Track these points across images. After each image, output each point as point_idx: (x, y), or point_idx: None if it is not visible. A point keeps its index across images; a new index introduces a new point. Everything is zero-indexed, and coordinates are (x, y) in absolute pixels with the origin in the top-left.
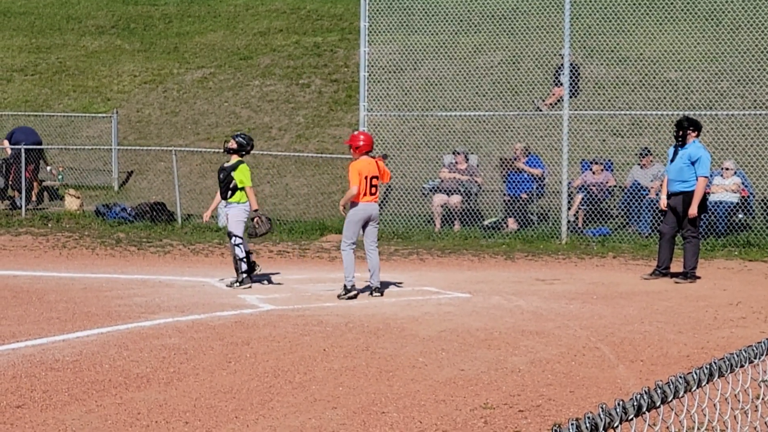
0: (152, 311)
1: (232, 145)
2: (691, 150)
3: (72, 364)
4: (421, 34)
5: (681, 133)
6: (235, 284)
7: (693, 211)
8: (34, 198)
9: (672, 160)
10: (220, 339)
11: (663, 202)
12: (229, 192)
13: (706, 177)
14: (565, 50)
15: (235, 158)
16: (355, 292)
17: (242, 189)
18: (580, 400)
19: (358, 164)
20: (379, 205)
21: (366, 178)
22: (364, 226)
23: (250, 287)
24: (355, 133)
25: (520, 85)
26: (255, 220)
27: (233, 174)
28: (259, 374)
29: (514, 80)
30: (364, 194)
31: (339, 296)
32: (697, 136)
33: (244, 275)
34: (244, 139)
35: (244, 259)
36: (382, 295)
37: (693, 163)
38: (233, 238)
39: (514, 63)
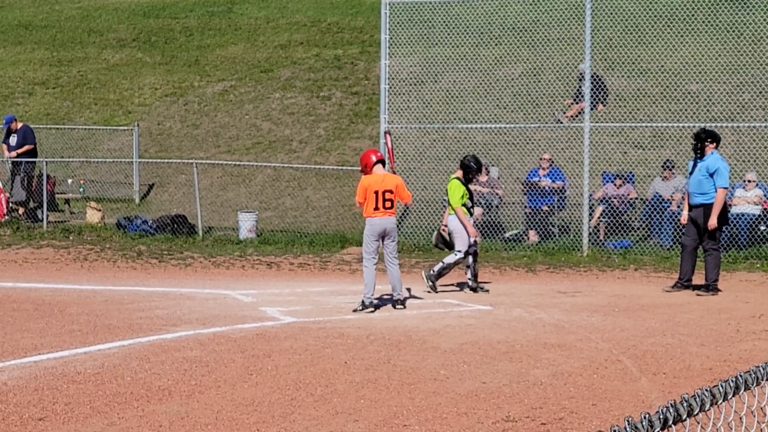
0: (173, 324)
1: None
2: (709, 162)
3: (94, 376)
4: (441, 47)
5: (699, 145)
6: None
7: (713, 222)
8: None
9: (691, 173)
10: (241, 351)
11: (684, 217)
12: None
13: (725, 188)
14: (586, 62)
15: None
16: (371, 309)
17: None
18: (602, 413)
19: (367, 179)
20: (400, 217)
21: (376, 192)
22: (383, 240)
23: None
24: (366, 152)
25: (541, 98)
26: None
27: None
28: (280, 387)
29: (534, 92)
30: (375, 208)
31: (354, 310)
32: (716, 147)
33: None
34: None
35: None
36: (405, 307)
37: (711, 175)
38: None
39: (534, 75)
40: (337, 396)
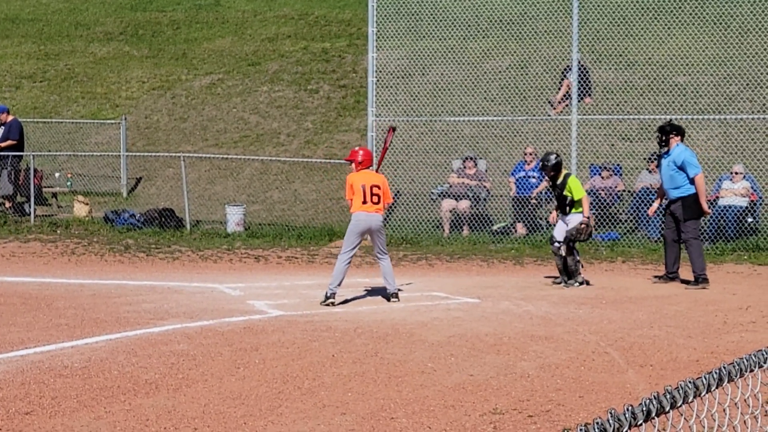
0: (161, 317)
1: (551, 173)
2: (674, 155)
3: (81, 370)
4: (429, 40)
5: (664, 138)
6: (574, 284)
7: (706, 208)
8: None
9: (659, 166)
10: (228, 345)
11: (651, 210)
12: (567, 207)
13: (699, 174)
14: (574, 55)
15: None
16: (332, 300)
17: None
18: (589, 405)
19: (353, 176)
20: (389, 211)
21: (363, 186)
22: (371, 236)
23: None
24: (355, 148)
25: (529, 90)
26: (582, 224)
27: (566, 192)
28: (267, 380)
29: (522, 85)
30: (363, 202)
31: (321, 303)
32: (681, 140)
33: (579, 275)
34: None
35: (580, 261)
36: (399, 300)
37: (680, 168)
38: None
39: (522, 68)
40: (324, 389)
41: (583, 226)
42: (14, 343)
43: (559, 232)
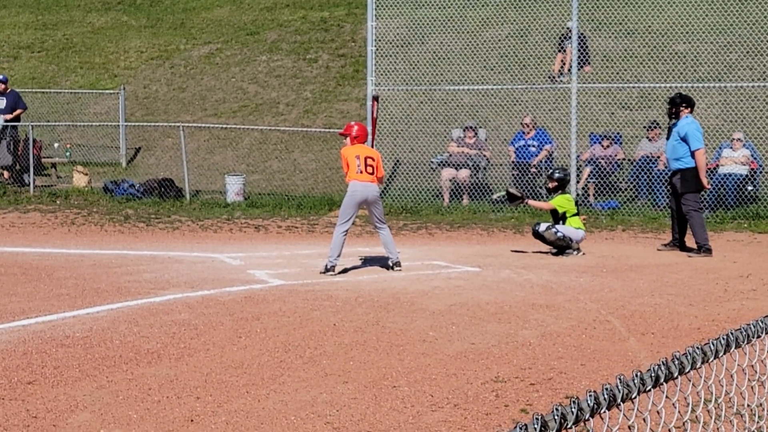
0: (162, 287)
1: (552, 184)
2: (680, 126)
3: (82, 340)
4: (428, 8)
5: (674, 109)
6: (573, 252)
7: (705, 183)
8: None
9: (668, 138)
10: (230, 314)
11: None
12: (561, 221)
13: (700, 149)
14: (573, 22)
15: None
16: (332, 273)
17: (573, 216)
18: (591, 373)
19: (347, 149)
20: (388, 180)
21: (358, 156)
22: (368, 207)
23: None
24: (351, 123)
25: (528, 59)
26: (521, 200)
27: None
28: (269, 349)
29: (522, 53)
30: (359, 172)
31: (320, 272)
32: (691, 112)
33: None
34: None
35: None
36: (401, 269)
37: (683, 140)
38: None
39: (522, 36)
40: (326, 358)
41: (521, 200)
42: (15, 313)
43: (543, 226)
